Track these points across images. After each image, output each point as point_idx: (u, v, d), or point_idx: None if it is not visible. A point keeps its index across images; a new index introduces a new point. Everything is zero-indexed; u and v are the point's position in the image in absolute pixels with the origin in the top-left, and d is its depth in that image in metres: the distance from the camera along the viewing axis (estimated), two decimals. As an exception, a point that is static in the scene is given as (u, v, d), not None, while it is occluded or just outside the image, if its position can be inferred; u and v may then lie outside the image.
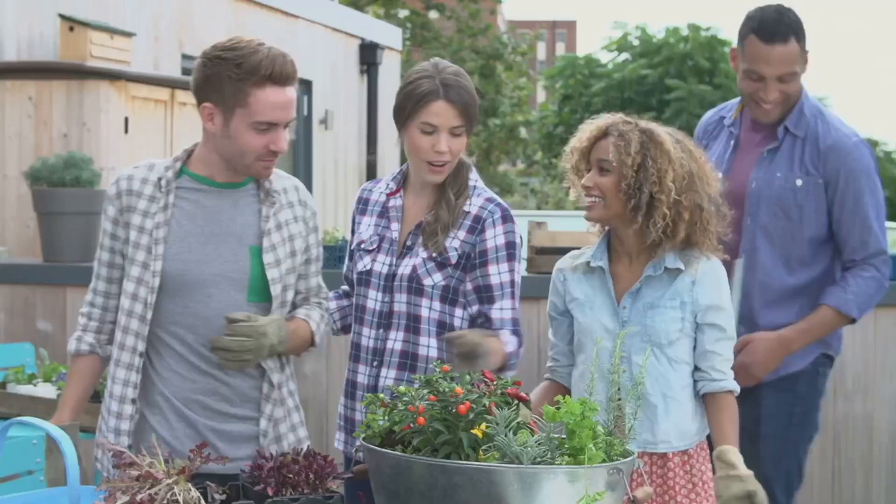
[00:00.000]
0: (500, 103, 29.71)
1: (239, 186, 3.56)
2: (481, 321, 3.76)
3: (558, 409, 2.85)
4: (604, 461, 2.78)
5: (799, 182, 4.41)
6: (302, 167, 13.40)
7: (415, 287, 3.77)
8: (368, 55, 14.89)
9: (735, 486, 3.46)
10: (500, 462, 2.75)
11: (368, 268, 3.85)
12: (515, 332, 3.77)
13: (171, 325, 3.51)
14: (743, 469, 3.50)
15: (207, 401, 3.53)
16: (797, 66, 4.37)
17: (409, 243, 3.82)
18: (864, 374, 5.87)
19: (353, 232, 3.99)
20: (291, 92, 3.46)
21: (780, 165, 4.43)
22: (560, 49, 73.59)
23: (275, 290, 3.55)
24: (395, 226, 3.85)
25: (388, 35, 16.18)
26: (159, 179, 3.51)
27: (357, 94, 14.80)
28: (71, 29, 8.54)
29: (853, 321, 4.44)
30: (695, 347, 3.73)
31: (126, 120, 8.23)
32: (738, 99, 4.63)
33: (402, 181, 3.92)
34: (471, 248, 3.76)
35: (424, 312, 3.77)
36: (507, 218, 3.78)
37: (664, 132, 3.73)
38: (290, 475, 3.06)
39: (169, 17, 10.50)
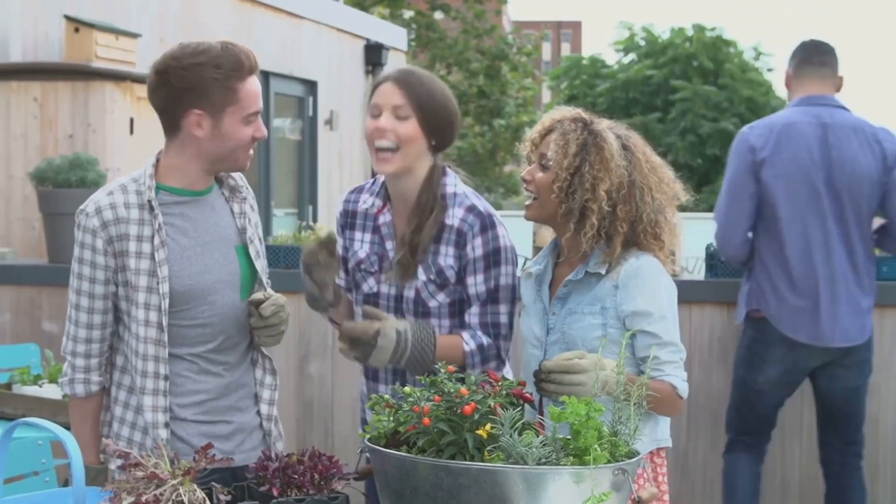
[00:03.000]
0: (505, 104, 29.69)
1: (210, 191, 3.59)
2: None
3: (563, 409, 2.84)
4: (608, 462, 2.78)
5: None
6: (307, 167, 13.40)
7: (421, 310, 3.75)
8: (373, 56, 14.91)
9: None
10: (505, 463, 2.75)
11: (375, 290, 3.81)
12: (488, 335, 3.73)
13: (180, 339, 3.51)
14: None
15: (217, 397, 3.57)
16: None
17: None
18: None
19: (344, 246, 3.93)
20: None
21: None
22: (565, 49, 73.58)
23: (265, 279, 3.63)
24: (389, 244, 3.79)
25: (393, 36, 16.19)
26: (149, 202, 3.47)
27: (362, 95, 14.81)
28: (76, 30, 8.54)
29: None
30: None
31: (131, 121, 8.25)
32: None
33: (386, 195, 3.84)
34: (461, 261, 3.71)
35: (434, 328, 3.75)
36: (485, 228, 3.69)
37: (612, 137, 3.53)
38: (295, 476, 3.06)
39: (174, 18, 10.52)
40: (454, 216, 3.70)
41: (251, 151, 3.54)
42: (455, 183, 3.76)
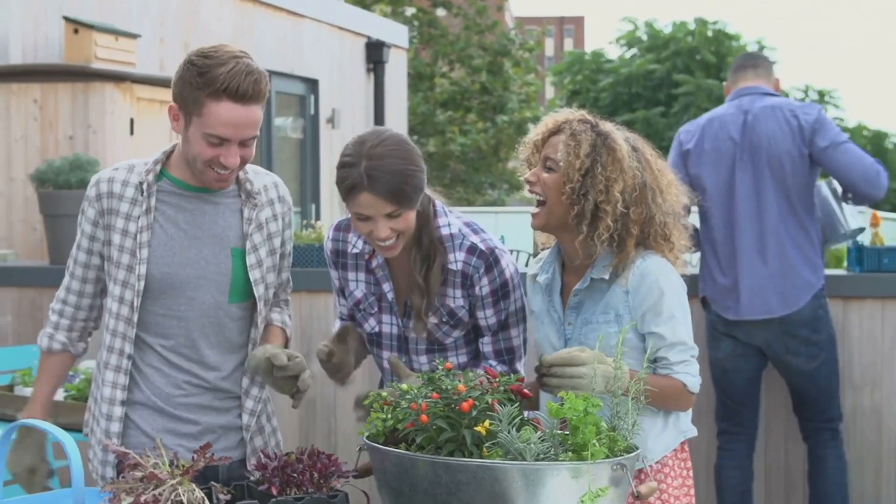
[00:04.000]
0: (507, 100, 29.68)
1: (219, 190, 3.57)
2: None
3: (561, 405, 2.84)
4: (607, 457, 2.78)
5: None
6: (309, 166, 13.40)
7: (437, 347, 3.73)
8: (375, 53, 14.88)
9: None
10: (503, 459, 2.75)
11: (377, 330, 3.77)
12: (503, 361, 3.74)
13: (154, 326, 3.54)
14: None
15: (187, 394, 3.57)
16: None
17: (409, 303, 3.71)
18: (872, 367, 5.85)
19: (338, 277, 3.84)
20: (251, 111, 3.37)
21: None
22: (568, 45, 73.61)
23: (258, 290, 3.59)
24: (386, 286, 3.72)
25: (395, 33, 16.17)
26: (140, 184, 3.52)
27: (364, 93, 14.80)
28: (76, 31, 8.53)
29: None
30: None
31: (131, 121, 8.23)
32: None
33: None
34: (470, 299, 3.67)
35: (453, 361, 3.69)
36: (489, 267, 3.63)
37: (622, 139, 3.49)
38: (295, 474, 3.06)
39: (174, 18, 10.51)
40: (456, 260, 3.64)
41: (222, 173, 3.44)
42: (448, 223, 3.68)
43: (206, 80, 3.34)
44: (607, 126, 3.53)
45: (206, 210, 3.55)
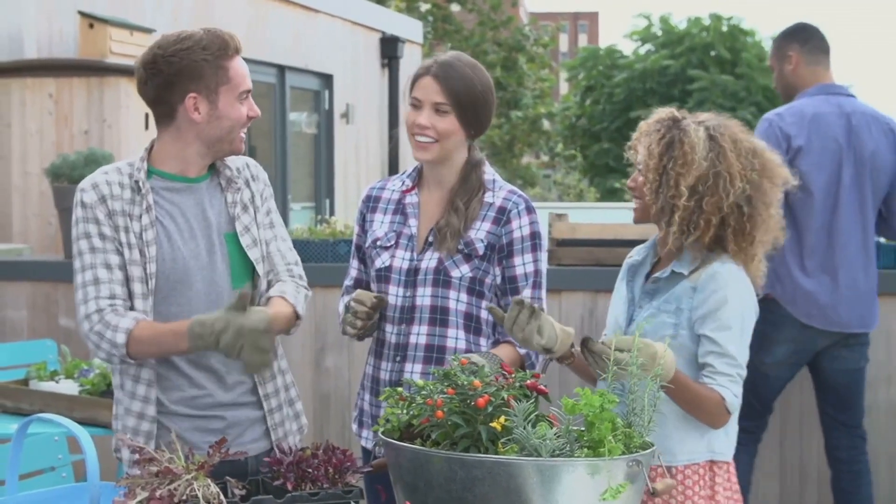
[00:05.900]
0: (522, 95, 29.69)
1: (204, 179, 3.59)
2: None
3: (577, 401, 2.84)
4: (623, 453, 2.77)
5: None
6: (324, 161, 13.40)
7: (442, 280, 3.77)
8: (389, 49, 14.89)
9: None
10: (519, 455, 2.74)
11: (388, 264, 3.84)
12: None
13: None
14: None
15: (211, 393, 3.54)
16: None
17: (430, 239, 3.81)
18: (887, 364, 5.85)
19: (362, 231, 3.97)
20: None
21: None
22: (583, 40, 73.53)
23: (260, 269, 3.60)
24: (412, 222, 3.85)
25: (409, 28, 16.18)
26: (136, 182, 3.51)
27: (378, 88, 14.80)
28: (91, 26, 8.54)
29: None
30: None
31: (146, 116, 8.23)
32: None
33: (417, 178, 3.93)
34: (496, 239, 3.78)
35: (452, 304, 3.77)
36: (531, 209, 3.83)
37: (699, 130, 3.52)
38: (310, 470, 3.06)
39: (189, 12, 10.51)
40: (496, 196, 3.83)
41: (243, 134, 3.57)
42: (493, 173, 3.90)
43: (218, 47, 3.46)
44: (689, 120, 3.59)
45: (197, 201, 3.57)
